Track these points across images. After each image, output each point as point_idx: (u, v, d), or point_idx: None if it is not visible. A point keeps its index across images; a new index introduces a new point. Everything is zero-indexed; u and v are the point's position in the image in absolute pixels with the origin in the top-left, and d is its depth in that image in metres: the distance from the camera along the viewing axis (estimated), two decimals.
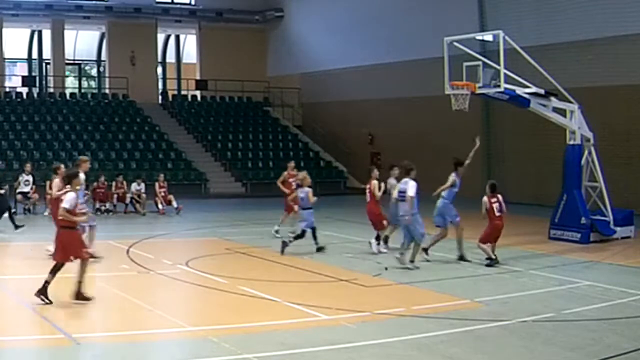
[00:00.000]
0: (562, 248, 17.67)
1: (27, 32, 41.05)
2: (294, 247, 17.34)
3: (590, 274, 14.40)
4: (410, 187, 14.58)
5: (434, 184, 16.61)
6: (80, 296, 11.39)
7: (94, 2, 38.66)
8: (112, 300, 12.09)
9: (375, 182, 16.53)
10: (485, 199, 15.26)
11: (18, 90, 37.99)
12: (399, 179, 15.50)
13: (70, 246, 11.50)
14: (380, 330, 10.24)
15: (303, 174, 17.32)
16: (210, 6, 40.80)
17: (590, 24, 25.26)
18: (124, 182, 25.51)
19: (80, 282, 11.41)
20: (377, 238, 16.62)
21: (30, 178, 24.21)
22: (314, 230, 16.72)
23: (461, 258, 15.61)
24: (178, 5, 41.06)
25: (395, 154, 33.13)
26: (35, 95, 38.04)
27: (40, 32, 40.70)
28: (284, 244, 16.40)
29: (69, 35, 40.13)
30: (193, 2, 41.14)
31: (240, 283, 12.98)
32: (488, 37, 23.90)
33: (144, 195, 25.43)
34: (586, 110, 19.10)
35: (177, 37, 44.15)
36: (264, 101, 41.52)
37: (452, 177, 15.82)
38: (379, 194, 16.47)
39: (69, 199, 11.46)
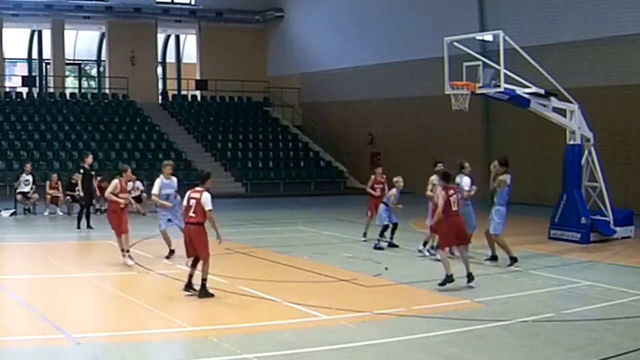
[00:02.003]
0: (562, 248, 17.67)
1: (27, 32, 41.05)
2: (293, 247, 17.37)
3: (590, 274, 14.40)
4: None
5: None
6: (203, 292, 11.92)
7: (94, 2, 38.66)
8: (112, 300, 12.09)
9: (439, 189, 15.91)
10: (440, 189, 13.33)
11: (18, 90, 38.01)
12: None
13: (196, 243, 11.98)
14: (380, 330, 10.24)
15: (396, 177, 17.36)
16: (210, 6, 40.80)
17: (590, 24, 25.26)
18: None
19: (204, 280, 11.95)
20: (425, 244, 16.32)
21: (30, 178, 24.22)
22: (384, 228, 17.20)
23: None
24: (178, 5, 41.06)
25: (395, 154, 33.31)
26: (35, 95, 38.05)
27: (40, 32, 40.70)
28: (378, 247, 17.04)
29: (69, 35, 40.13)
30: (193, 2, 41.13)
31: (240, 283, 12.98)
32: (488, 37, 23.90)
33: (144, 195, 25.39)
34: (586, 110, 19.10)
35: (177, 37, 44.15)
36: (264, 101, 41.52)
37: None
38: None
39: (208, 200, 11.92)
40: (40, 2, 37.18)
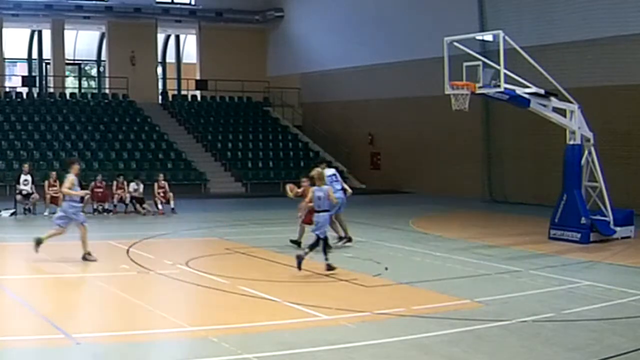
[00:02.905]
0: (562, 248, 17.66)
1: (27, 32, 41.09)
2: (293, 247, 17.34)
3: (590, 274, 14.39)
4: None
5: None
6: None
7: (94, 2, 38.68)
8: (112, 300, 12.09)
9: None
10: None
11: (18, 90, 38.03)
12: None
13: None
14: (380, 330, 10.23)
15: (316, 170, 15.07)
16: (210, 6, 40.82)
17: (590, 24, 25.27)
18: (125, 182, 25.48)
19: None
20: None
21: (29, 178, 24.22)
22: (325, 241, 14.30)
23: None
24: (178, 5, 41.08)
25: (395, 154, 33.34)
26: (35, 95, 38.07)
27: (40, 32, 40.73)
28: (299, 259, 13.99)
29: (69, 35, 40.16)
30: (193, 2, 41.15)
31: (240, 283, 12.97)
32: (488, 37, 23.89)
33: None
34: (586, 110, 19.09)
35: (177, 37, 44.17)
36: (264, 101, 41.53)
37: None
38: None
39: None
40: (40, 2, 37.20)
